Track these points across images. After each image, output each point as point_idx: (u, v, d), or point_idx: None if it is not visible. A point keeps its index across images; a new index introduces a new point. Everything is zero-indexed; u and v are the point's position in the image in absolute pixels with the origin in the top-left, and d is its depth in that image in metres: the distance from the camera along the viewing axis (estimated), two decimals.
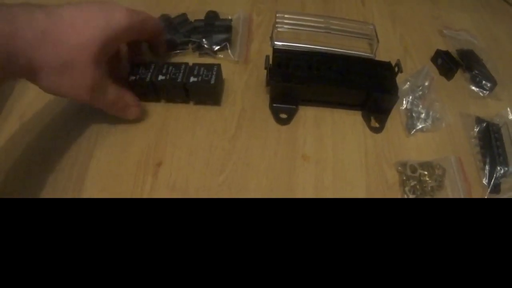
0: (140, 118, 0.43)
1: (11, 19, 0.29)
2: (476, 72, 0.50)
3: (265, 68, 0.42)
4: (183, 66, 0.42)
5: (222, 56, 0.49)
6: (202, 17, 0.52)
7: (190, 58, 0.48)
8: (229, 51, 0.49)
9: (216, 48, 0.48)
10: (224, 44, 0.49)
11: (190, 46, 0.49)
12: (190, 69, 0.42)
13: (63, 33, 0.32)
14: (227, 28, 0.50)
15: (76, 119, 0.44)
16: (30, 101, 0.45)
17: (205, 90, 0.42)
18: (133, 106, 0.42)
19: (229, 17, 0.52)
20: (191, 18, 0.51)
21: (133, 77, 0.42)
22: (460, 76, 0.50)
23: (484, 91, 0.49)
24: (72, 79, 0.33)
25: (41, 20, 0.31)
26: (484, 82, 0.49)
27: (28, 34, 0.30)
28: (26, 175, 0.39)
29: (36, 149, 0.41)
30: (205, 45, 0.48)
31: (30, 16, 0.30)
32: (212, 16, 0.52)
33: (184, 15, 0.51)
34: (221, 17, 0.52)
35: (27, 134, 0.42)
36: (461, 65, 0.50)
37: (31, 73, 0.32)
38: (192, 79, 0.41)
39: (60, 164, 0.40)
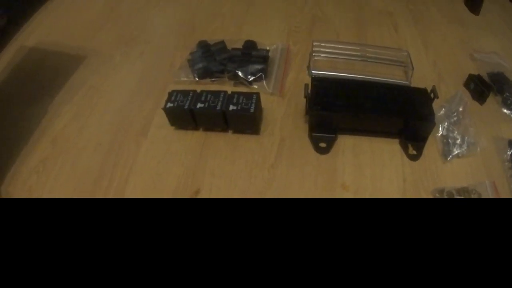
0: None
1: None
2: (507, 94, 0.50)
3: (304, 96, 0.43)
4: (222, 94, 0.43)
5: (256, 87, 0.49)
6: (240, 45, 0.52)
7: (226, 86, 0.48)
8: (264, 82, 0.49)
9: (251, 78, 0.48)
10: (259, 75, 0.49)
11: (226, 74, 0.49)
12: (229, 97, 0.42)
13: None
14: (264, 58, 0.50)
15: (109, 145, 0.44)
16: (62, 126, 0.46)
17: (245, 119, 0.42)
18: None
19: (267, 48, 0.52)
20: (229, 46, 0.51)
21: (171, 105, 0.42)
22: (492, 100, 0.50)
23: None
24: None
25: None
26: None
27: None
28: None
29: (69, 174, 0.42)
30: (240, 75, 0.48)
31: None
32: (249, 45, 0.52)
33: (222, 42, 0.51)
34: (259, 47, 0.52)
35: (59, 157, 0.43)
36: (493, 88, 0.50)
37: None
38: (231, 107, 0.41)
39: (92, 189, 0.40)
